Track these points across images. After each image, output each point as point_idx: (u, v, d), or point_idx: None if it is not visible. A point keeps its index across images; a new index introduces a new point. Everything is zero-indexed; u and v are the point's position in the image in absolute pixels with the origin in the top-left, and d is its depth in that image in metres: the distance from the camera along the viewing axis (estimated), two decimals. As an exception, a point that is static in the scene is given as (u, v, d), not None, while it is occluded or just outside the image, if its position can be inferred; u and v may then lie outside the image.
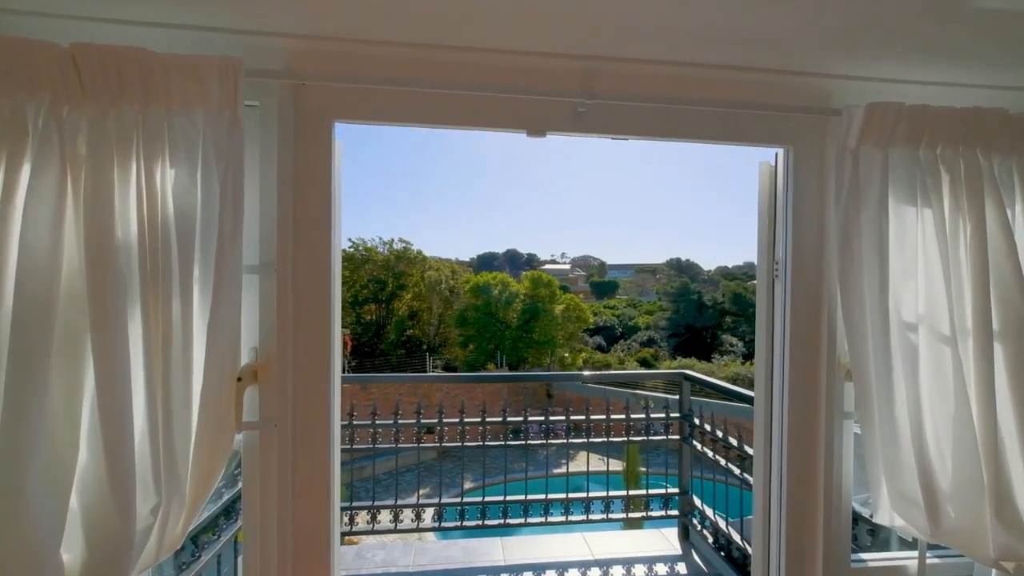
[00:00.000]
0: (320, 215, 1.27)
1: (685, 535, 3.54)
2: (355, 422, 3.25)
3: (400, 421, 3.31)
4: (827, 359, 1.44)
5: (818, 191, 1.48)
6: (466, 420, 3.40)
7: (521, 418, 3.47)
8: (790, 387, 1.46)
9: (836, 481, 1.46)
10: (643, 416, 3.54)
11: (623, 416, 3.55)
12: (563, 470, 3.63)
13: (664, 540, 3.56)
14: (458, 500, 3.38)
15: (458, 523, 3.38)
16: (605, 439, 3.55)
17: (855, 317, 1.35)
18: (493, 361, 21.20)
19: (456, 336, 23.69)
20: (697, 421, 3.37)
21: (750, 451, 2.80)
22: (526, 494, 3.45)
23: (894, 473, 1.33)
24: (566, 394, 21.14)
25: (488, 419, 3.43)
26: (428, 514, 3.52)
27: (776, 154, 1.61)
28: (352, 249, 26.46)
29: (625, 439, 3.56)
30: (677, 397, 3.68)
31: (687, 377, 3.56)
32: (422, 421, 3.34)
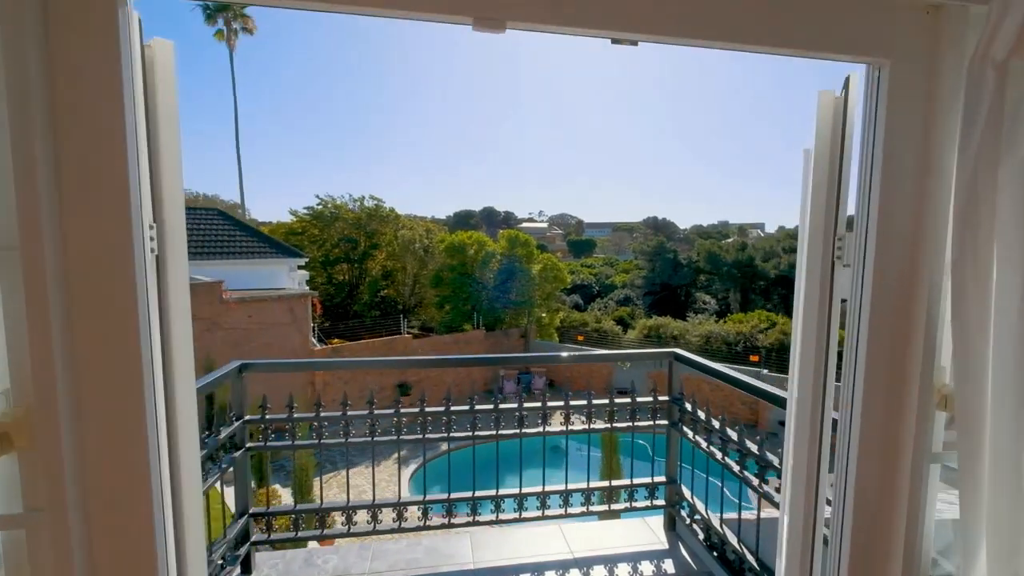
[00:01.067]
0: (108, 159, 0.73)
1: (671, 526, 3.24)
2: (295, 415, 2.76)
3: (349, 412, 2.84)
4: (920, 380, 1.00)
5: (921, 131, 0.98)
6: (427, 410, 2.95)
7: (491, 406, 3.03)
8: (864, 415, 1.01)
9: (918, 544, 1.04)
10: (628, 400, 3.15)
11: (606, 400, 3.15)
12: (538, 429, 3.24)
13: (649, 531, 3.26)
14: (420, 499, 2.97)
15: (421, 522, 2.99)
16: (585, 425, 3.16)
17: (971, 323, 0.89)
18: (470, 322, 20.84)
19: (432, 297, 23.16)
20: (689, 407, 2.99)
21: (752, 447, 2.45)
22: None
23: (1012, 552, 0.92)
24: (543, 354, 21.06)
25: (453, 408, 2.99)
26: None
27: (847, 78, 1.10)
28: (320, 206, 25.27)
29: (608, 426, 3.18)
30: (658, 350, 3.31)
31: (677, 357, 3.16)
32: (375, 412, 2.87)
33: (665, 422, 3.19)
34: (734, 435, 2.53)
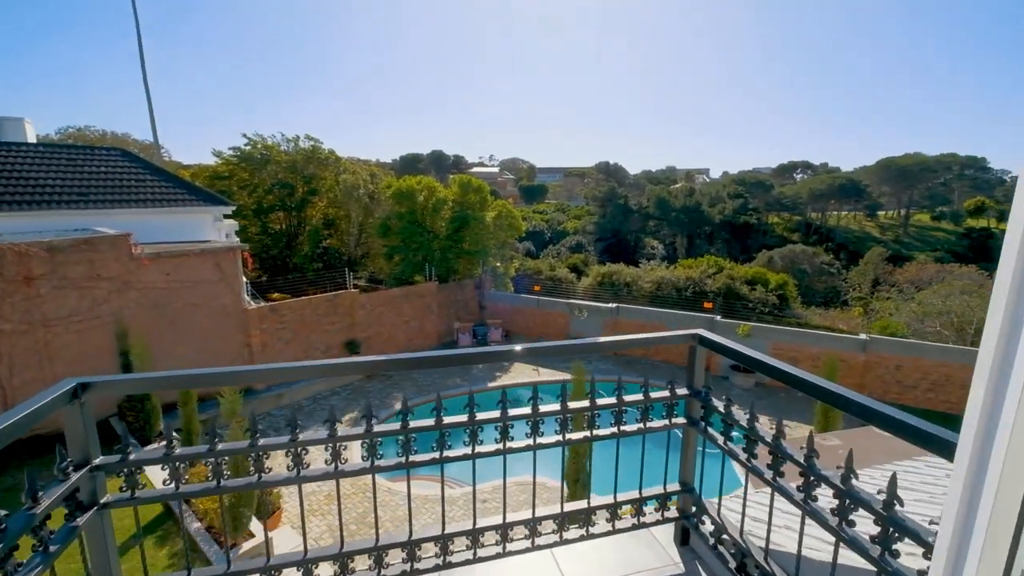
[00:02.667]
0: None
1: (684, 539, 2.68)
2: (178, 451, 1.85)
3: (263, 442, 1.96)
4: None
5: None
6: (377, 429, 2.11)
7: (465, 418, 2.23)
8: None
9: None
10: (640, 398, 2.45)
11: (613, 401, 2.43)
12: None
13: (656, 546, 2.69)
14: (372, 545, 2.20)
15: (374, 572, 2.23)
16: (587, 432, 2.45)
17: None
18: (421, 273, 19.75)
19: (380, 247, 21.72)
20: (720, 405, 2.33)
21: (829, 473, 1.82)
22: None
23: None
24: (498, 305, 20.48)
25: (413, 424, 2.17)
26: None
27: None
28: (249, 147, 22.67)
29: (616, 430, 2.47)
30: (679, 333, 2.63)
31: (702, 341, 2.46)
32: (299, 440, 2.01)
33: (683, 420, 2.54)
34: (798, 454, 1.88)
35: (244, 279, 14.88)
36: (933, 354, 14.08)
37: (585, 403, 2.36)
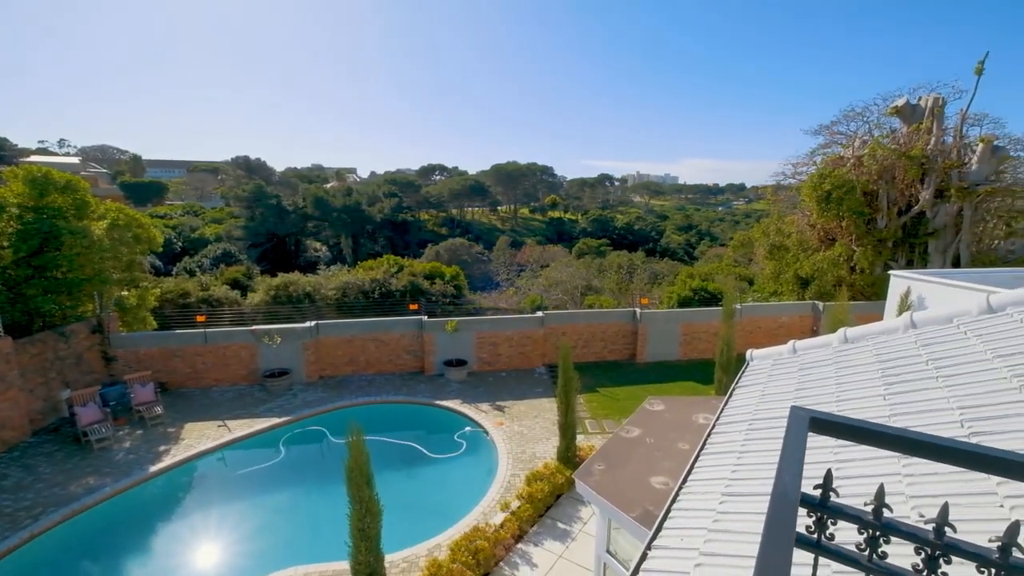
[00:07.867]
0: None
1: None
2: None
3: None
4: None
5: None
6: None
7: None
8: None
9: None
10: None
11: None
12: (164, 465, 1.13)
13: None
14: None
15: None
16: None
17: None
18: (-31, 326, 11.92)
19: None
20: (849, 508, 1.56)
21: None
22: None
23: None
24: (141, 351, 14.60)
25: None
26: None
27: None
28: None
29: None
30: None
31: (815, 423, 1.63)
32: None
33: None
34: None
35: None
36: (581, 319, 17.97)
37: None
